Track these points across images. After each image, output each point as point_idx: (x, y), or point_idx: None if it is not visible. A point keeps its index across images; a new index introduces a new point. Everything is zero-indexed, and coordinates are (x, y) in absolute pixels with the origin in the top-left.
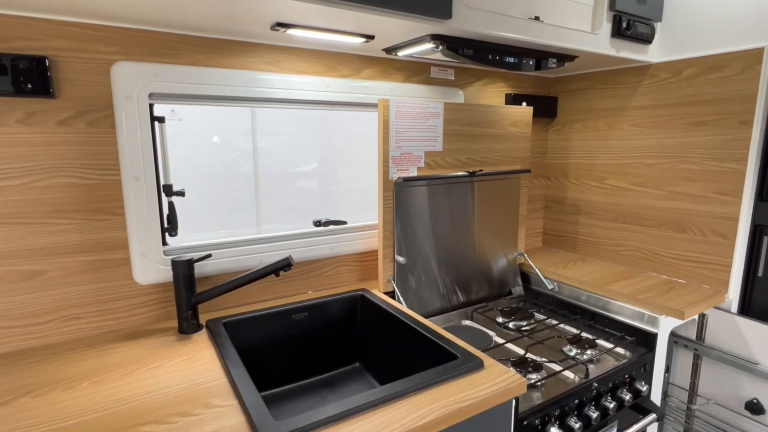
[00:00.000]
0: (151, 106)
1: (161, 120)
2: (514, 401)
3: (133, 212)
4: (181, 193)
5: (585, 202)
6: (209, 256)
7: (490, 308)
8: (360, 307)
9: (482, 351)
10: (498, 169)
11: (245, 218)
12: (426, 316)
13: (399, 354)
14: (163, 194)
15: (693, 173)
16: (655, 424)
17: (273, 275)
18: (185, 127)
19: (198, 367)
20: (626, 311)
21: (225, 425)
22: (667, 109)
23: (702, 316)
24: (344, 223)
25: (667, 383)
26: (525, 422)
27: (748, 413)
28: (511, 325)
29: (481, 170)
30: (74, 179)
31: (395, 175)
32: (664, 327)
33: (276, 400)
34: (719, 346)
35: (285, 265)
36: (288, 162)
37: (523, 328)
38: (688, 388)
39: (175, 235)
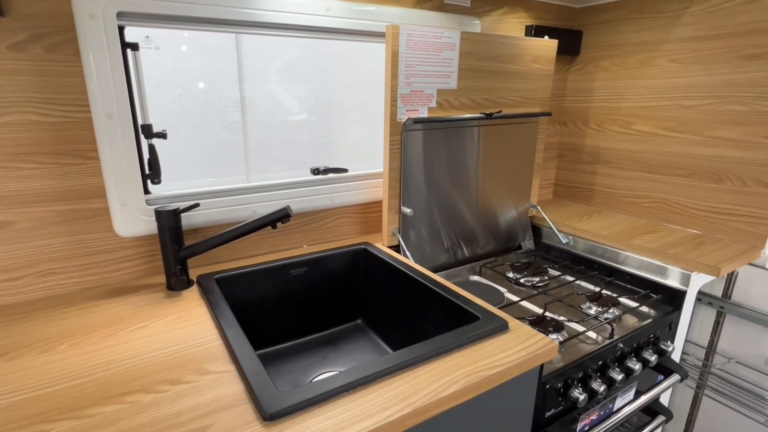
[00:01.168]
0: (121, 29)
1: (134, 47)
2: (539, 366)
3: (108, 156)
4: (163, 135)
5: (605, 150)
6: (197, 205)
7: (500, 263)
8: (363, 261)
9: (497, 308)
10: (516, 112)
11: (236, 168)
12: (433, 272)
13: (407, 312)
14: (141, 136)
15: (740, 115)
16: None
17: (269, 227)
18: (168, 73)
19: (189, 327)
20: (650, 267)
21: (222, 394)
22: (715, 41)
23: (731, 273)
24: (345, 171)
25: (685, 341)
26: (547, 386)
27: None
28: (523, 280)
29: (500, 111)
30: (36, 116)
31: (404, 116)
32: (694, 284)
33: (274, 358)
34: (748, 303)
35: (283, 216)
36: (280, 111)
37: (537, 285)
38: (705, 345)
39: (158, 182)
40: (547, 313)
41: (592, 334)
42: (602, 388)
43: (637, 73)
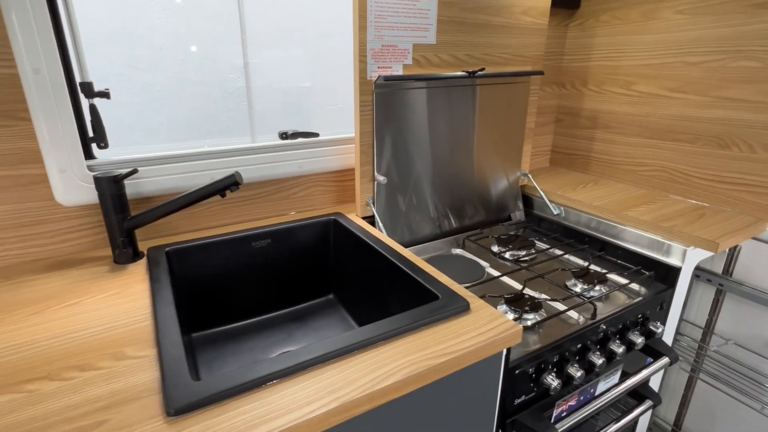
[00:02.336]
0: None
1: None
2: (504, 351)
3: (41, 116)
4: (105, 94)
5: (604, 114)
6: (135, 171)
7: (485, 235)
8: (333, 233)
9: (474, 284)
10: (504, 70)
11: (241, 134)
12: (414, 244)
13: (375, 289)
14: (81, 95)
15: (751, 72)
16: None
17: (219, 196)
18: (170, 38)
19: (124, 305)
20: (644, 241)
21: (132, 384)
22: None
23: (733, 248)
24: (316, 135)
25: (680, 320)
26: (517, 371)
27: None
28: (507, 255)
29: (483, 69)
30: None
31: (374, 73)
32: (690, 260)
33: (235, 336)
34: (750, 281)
35: (230, 184)
36: (285, 77)
37: (522, 259)
38: (703, 326)
39: (105, 146)
40: (527, 290)
41: (573, 314)
42: (579, 374)
43: (640, 27)
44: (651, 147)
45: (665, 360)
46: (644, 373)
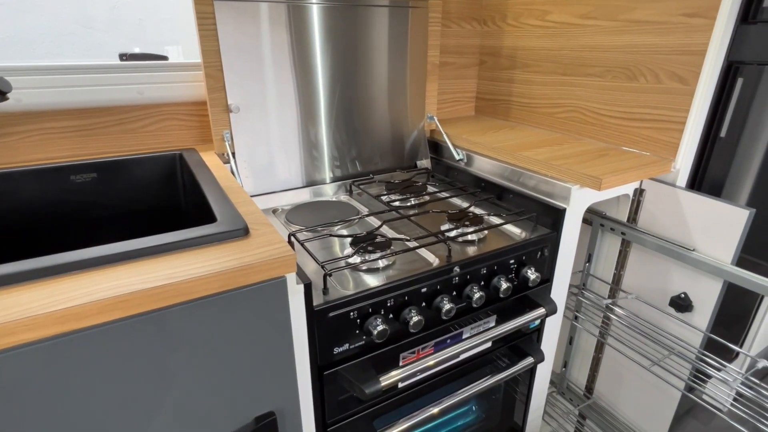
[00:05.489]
0: None
1: None
2: (303, 288)
3: None
4: None
5: (523, 51)
6: None
7: (376, 182)
8: (181, 172)
9: (326, 226)
10: None
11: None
12: (291, 188)
13: None
14: None
15: None
16: (562, 323)
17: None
18: None
19: None
20: (534, 182)
21: None
22: None
23: (638, 192)
24: (164, 58)
25: (586, 275)
26: (331, 314)
27: (672, 310)
28: (393, 200)
29: None
30: None
31: None
32: (578, 202)
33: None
34: (654, 229)
35: None
36: None
37: (409, 204)
38: (610, 281)
39: None
40: (384, 229)
41: (429, 256)
42: (416, 319)
43: None
44: (565, 85)
45: (540, 311)
46: (512, 323)
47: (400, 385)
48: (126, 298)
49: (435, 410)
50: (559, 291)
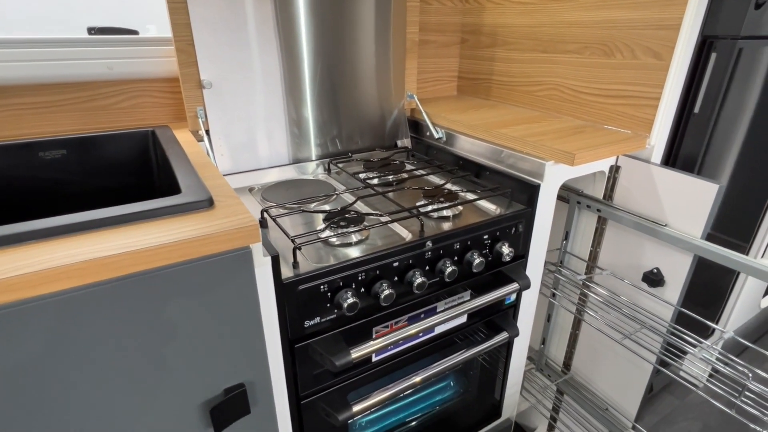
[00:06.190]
0: None
1: None
2: (270, 260)
3: None
4: None
5: (503, 28)
6: None
7: (354, 160)
8: (155, 150)
9: (301, 203)
10: None
11: None
12: (270, 167)
13: None
14: None
15: None
16: (540, 300)
17: None
18: None
19: None
20: (510, 159)
21: None
22: None
23: (614, 170)
24: (134, 33)
25: (563, 253)
26: (300, 287)
27: (645, 285)
28: (371, 179)
29: None
30: None
31: None
32: (552, 177)
33: None
34: (628, 206)
35: None
36: None
37: (384, 181)
38: (587, 258)
39: None
40: (358, 206)
41: (402, 231)
42: (387, 293)
43: None
44: (545, 63)
45: (514, 286)
46: (485, 297)
47: (375, 358)
48: (82, 266)
49: (409, 383)
50: (535, 267)
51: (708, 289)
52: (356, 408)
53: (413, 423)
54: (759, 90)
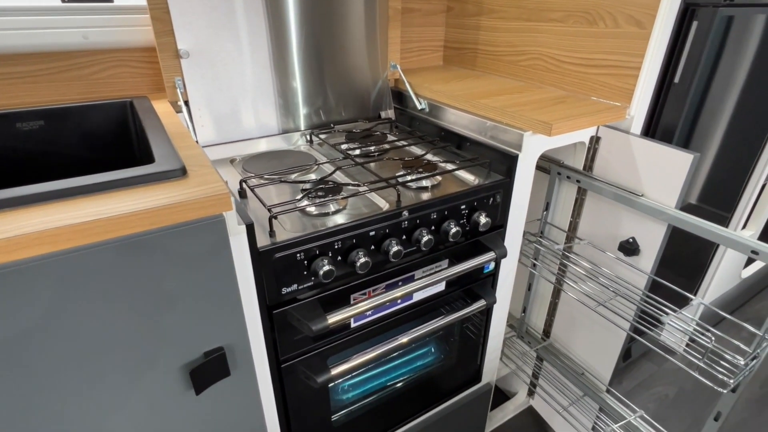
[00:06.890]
0: None
1: None
2: (245, 228)
3: None
4: None
5: None
6: None
7: (337, 131)
8: (133, 121)
9: (282, 173)
10: None
11: None
12: (253, 138)
13: None
14: None
15: None
16: (521, 270)
17: None
18: None
19: None
20: (489, 130)
21: None
22: None
23: (594, 140)
24: (109, 0)
25: (544, 223)
26: (276, 255)
27: (621, 254)
28: (356, 150)
29: None
30: None
31: None
32: (530, 148)
33: None
34: (607, 176)
35: None
36: None
37: (365, 152)
38: (567, 229)
39: None
40: (337, 176)
41: (379, 201)
42: (361, 261)
43: None
44: (528, 32)
45: (490, 254)
46: (461, 266)
47: (354, 324)
48: (56, 232)
49: (388, 347)
50: (513, 237)
51: (690, 260)
52: (335, 371)
53: (395, 387)
54: (740, 59)
